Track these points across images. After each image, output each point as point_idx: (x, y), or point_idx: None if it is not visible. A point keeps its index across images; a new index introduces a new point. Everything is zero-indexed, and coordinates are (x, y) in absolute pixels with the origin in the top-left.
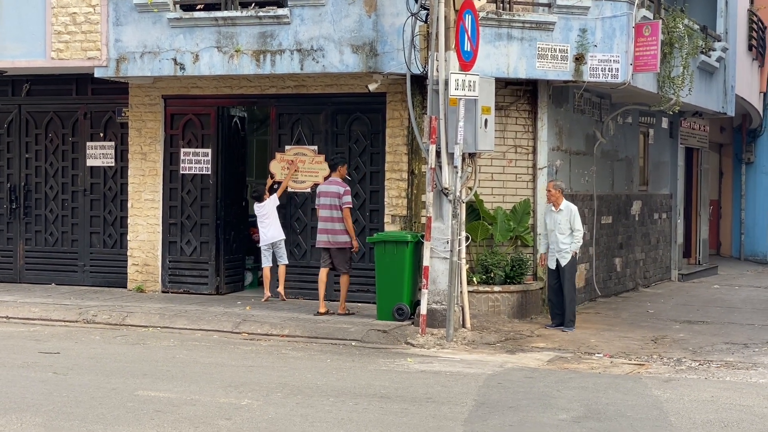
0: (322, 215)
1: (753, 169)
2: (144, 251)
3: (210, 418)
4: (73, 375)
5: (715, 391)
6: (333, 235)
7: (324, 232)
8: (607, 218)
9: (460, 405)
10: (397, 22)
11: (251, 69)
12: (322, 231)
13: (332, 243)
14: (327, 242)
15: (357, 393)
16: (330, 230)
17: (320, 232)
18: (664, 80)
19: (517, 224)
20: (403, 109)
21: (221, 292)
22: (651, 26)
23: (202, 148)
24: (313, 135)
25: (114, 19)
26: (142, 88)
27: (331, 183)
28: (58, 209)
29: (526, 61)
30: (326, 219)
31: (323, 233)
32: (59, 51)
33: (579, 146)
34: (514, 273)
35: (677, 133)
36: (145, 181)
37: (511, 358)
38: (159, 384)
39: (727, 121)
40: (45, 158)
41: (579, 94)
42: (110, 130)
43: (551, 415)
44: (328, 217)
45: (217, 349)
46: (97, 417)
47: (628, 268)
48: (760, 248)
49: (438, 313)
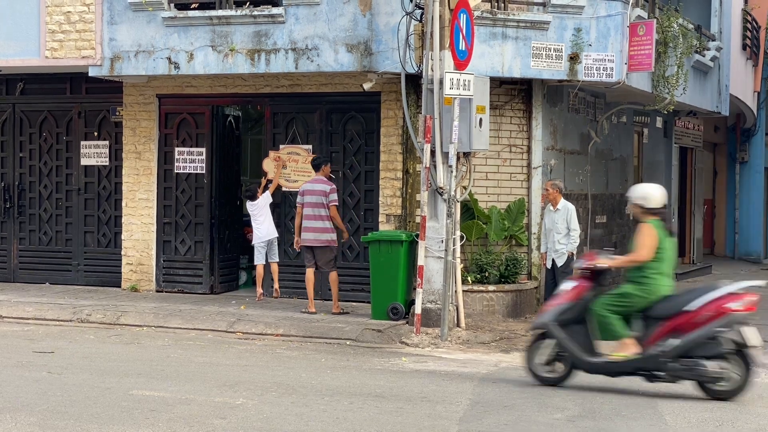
0: (308, 213)
1: (747, 168)
2: (138, 250)
3: (205, 417)
4: (67, 374)
5: None
6: (319, 234)
7: (311, 231)
8: (601, 217)
9: (455, 404)
10: (392, 21)
11: (246, 68)
12: (308, 229)
13: (318, 241)
14: (313, 240)
15: (352, 392)
16: (316, 229)
17: (306, 231)
18: (659, 80)
19: (512, 223)
20: (398, 108)
21: (216, 291)
22: (645, 25)
23: (197, 147)
24: (308, 134)
25: (108, 17)
26: (137, 87)
27: (317, 182)
28: (52, 208)
29: (521, 61)
30: (312, 217)
31: (309, 231)
32: (53, 50)
33: (573, 145)
34: (509, 272)
35: (671, 133)
36: (140, 180)
37: (506, 358)
38: (153, 383)
39: (721, 121)
40: (39, 157)
41: (573, 93)
42: (104, 129)
43: (546, 414)
44: (315, 216)
45: (212, 348)
46: (92, 416)
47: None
48: (754, 248)
49: (433, 312)
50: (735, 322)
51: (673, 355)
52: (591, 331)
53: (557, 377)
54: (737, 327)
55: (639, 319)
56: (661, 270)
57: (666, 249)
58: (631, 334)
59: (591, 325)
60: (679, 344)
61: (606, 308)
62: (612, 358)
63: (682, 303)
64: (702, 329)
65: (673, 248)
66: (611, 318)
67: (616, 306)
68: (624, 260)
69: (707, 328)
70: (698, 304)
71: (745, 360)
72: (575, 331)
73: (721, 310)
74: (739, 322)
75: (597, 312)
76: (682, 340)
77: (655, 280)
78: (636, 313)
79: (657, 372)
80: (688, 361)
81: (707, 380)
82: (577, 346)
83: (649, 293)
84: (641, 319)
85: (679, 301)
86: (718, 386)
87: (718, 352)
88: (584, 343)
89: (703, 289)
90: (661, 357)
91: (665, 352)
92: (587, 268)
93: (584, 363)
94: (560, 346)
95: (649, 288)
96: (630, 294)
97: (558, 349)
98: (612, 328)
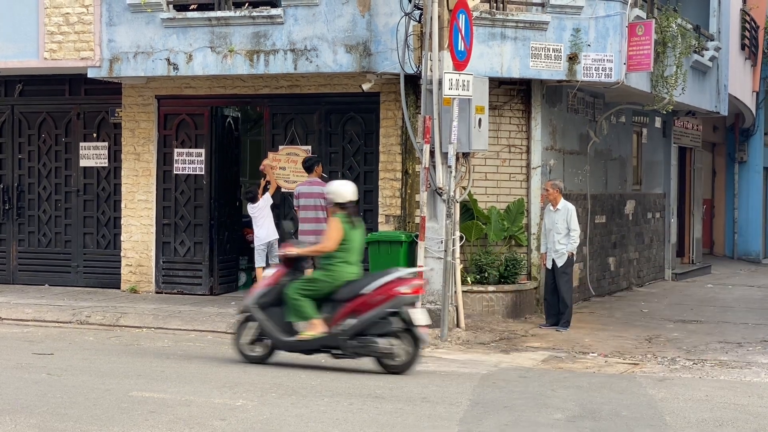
0: (307, 216)
1: (746, 168)
2: (137, 252)
3: (205, 418)
4: (67, 376)
5: (709, 390)
6: (320, 236)
7: (310, 233)
8: (600, 218)
9: (455, 405)
10: (391, 21)
11: (245, 69)
12: (308, 232)
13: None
14: (313, 242)
15: (351, 393)
16: (317, 231)
17: (306, 234)
18: (658, 80)
19: (511, 224)
20: (397, 109)
21: (215, 292)
22: (644, 26)
23: (196, 149)
24: (307, 135)
25: (107, 19)
26: (136, 88)
27: (313, 183)
28: (52, 210)
29: (520, 61)
30: (312, 220)
31: (310, 234)
32: (52, 51)
33: (572, 146)
34: (508, 273)
35: (670, 133)
36: (139, 182)
37: (506, 358)
38: (153, 385)
39: (720, 121)
40: (38, 159)
41: (572, 93)
42: (103, 131)
43: (546, 414)
44: (314, 218)
45: (212, 349)
46: (92, 418)
47: (621, 267)
48: (753, 247)
49: (432, 313)
50: (403, 304)
51: (350, 333)
52: (286, 312)
53: (261, 356)
54: (405, 308)
55: (328, 303)
56: (347, 259)
57: (351, 240)
58: (320, 315)
59: (286, 307)
60: (356, 324)
61: (297, 292)
62: (302, 337)
63: (360, 287)
64: (375, 310)
65: (360, 239)
66: (301, 301)
67: (305, 290)
68: (312, 249)
69: (379, 309)
70: (372, 287)
71: (414, 337)
72: (273, 313)
73: (391, 293)
74: (407, 303)
75: (289, 295)
76: (358, 320)
77: (340, 267)
78: (324, 297)
79: (339, 349)
80: (363, 339)
81: (381, 356)
82: (275, 327)
83: (334, 279)
84: (329, 302)
85: (358, 285)
86: (391, 361)
87: (389, 330)
88: (281, 323)
89: (378, 275)
90: (340, 336)
91: (344, 331)
92: (282, 256)
93: (280, 342)
94: (261, 327)
95: (334, 274)
96: (318, 279)
97: (260, 329)
98: (302, 310)
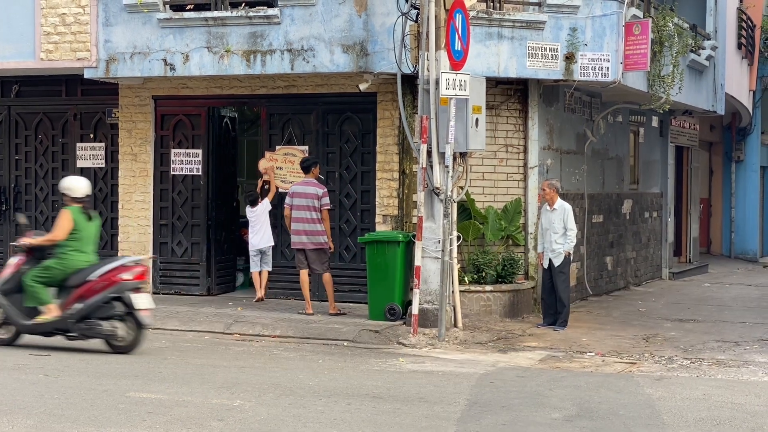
0: (299, 216)
1: (743, 167)
2: (135, 252)
3: (202, 419)
4: (64, 377)
5: (706, 389)
6: (312, 236)
7: (303, 233)
8: (598, 217)
9: (452, 404)
10: (388, 21)
11: (242, 69)
12: (300, 232)
13: (312, 244)
14: (305, 243)
15: (349, 393)
16: (309, 231)
17: (297, 233)
18: (654, 79)
19: (509, 223)
20: (394, 109)
21: (212, 293)
22: (641, 25)
23: (193, 149)
24: (304, 135)
25: (103, 19)
26: (132, 88)
27: (308, 184)
28: (49, 211)
29: (517, 61)
30: (304, 220)
31: (301, 234)
32: (49, 52)
33: (570, 145)
34: (506, 272)
35: (667, 132)
36: (136, 182)
37: (503, 358)
38: (151, 385)
39: (717, 120)
40: (35, 160)
41: (569, 93)
42: (100, 131)
43: (544, 414)
44: (307, 218)
45: (209, 350)
46: (89, 419)
47: (619, 266)
48: (750, 246)
49: (430, 312)
50: (126, 290)
51: (78, 317)
52: (25, 298)
53: (8, 338)
54: (128, 294)
55: (65, 289)
56: (78, 248)
57: (83, 230)
58: (55, 301)
59: (25, 293)
60: (82, 308)
61: (33, 279)
62: (38, 321)
63: (87, 274)
64: (99, 295)
65: (94, 229)
66: (37, 287)
67: (41, 277)
68: (44, 239)
69: (102, 294)
70: (97, 274)
71: (137, 320)
72: (15, 299)
73: (114, 279)
74: (129, 289)
75: (26, 282)
76: (84, 304)
77: (72, 256)
78: (60, 284)
79: (70, 331)
80: (90, 322)
81: (106, 337)
82: (17, 311)
83: (66, 267)
84: (66, 289)
85: (86, 272)
86: (116, 342)
87: (113, 313)
88: (22, 308)
89: (105, 262)
90: (70, 319)
91: (73, 314)
92: (20, 245)
93: (21, 325)
94: (5, 312)
95: (66, 262)
96: (51, 267)
97: (5, 314)
98: (38, 295)
